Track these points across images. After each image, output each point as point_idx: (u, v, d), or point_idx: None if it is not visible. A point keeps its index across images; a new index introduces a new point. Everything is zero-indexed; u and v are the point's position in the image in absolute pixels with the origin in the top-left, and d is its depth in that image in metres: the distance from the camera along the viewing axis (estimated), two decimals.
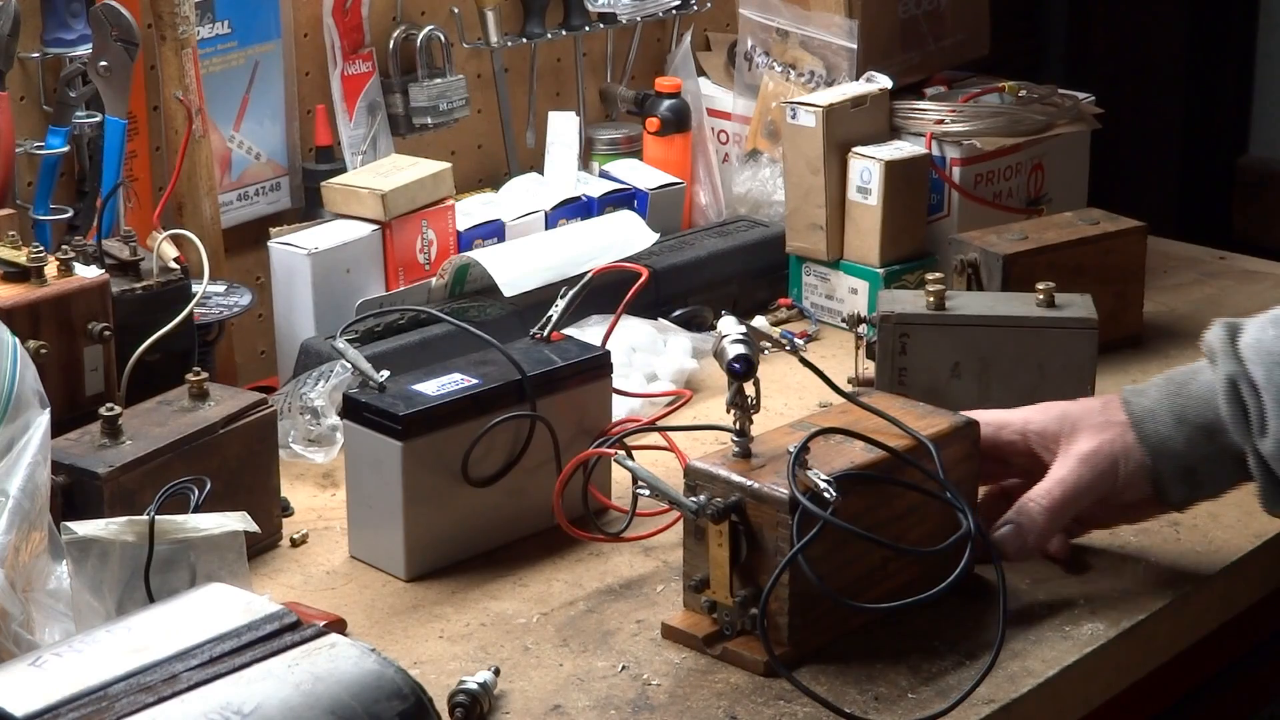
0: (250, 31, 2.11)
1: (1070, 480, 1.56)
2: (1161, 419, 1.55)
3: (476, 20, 2.30)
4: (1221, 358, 1.51)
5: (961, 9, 2.38)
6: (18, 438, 1.41)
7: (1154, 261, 2.20)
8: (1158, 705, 1.68)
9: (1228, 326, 1.53)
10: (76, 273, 1.71)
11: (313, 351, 1.93)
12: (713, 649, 1.49)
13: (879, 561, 1.50)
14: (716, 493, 1.48)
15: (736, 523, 1.47)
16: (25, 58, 1.93)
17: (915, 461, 1.51)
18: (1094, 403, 1.60)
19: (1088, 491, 1.56)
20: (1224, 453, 1.53)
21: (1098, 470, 1.55)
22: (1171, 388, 1.56)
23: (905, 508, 1.51)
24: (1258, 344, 1.50)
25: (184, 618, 1.25)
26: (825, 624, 1.49)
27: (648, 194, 2.29)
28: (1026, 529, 1.55)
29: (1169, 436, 1.54)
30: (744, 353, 1.51)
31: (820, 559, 1.44)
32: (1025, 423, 1.60)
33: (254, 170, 2.15)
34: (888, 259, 2.16)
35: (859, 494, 1.47)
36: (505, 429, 1.64)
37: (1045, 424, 1.59)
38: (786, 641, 1.47)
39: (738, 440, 1.51)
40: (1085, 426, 1.57)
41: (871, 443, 1.51)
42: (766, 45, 2.34)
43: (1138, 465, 1.55)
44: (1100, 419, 1.57)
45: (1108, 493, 1.57)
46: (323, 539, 1.71)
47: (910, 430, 1.53)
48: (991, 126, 2.21)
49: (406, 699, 1.19)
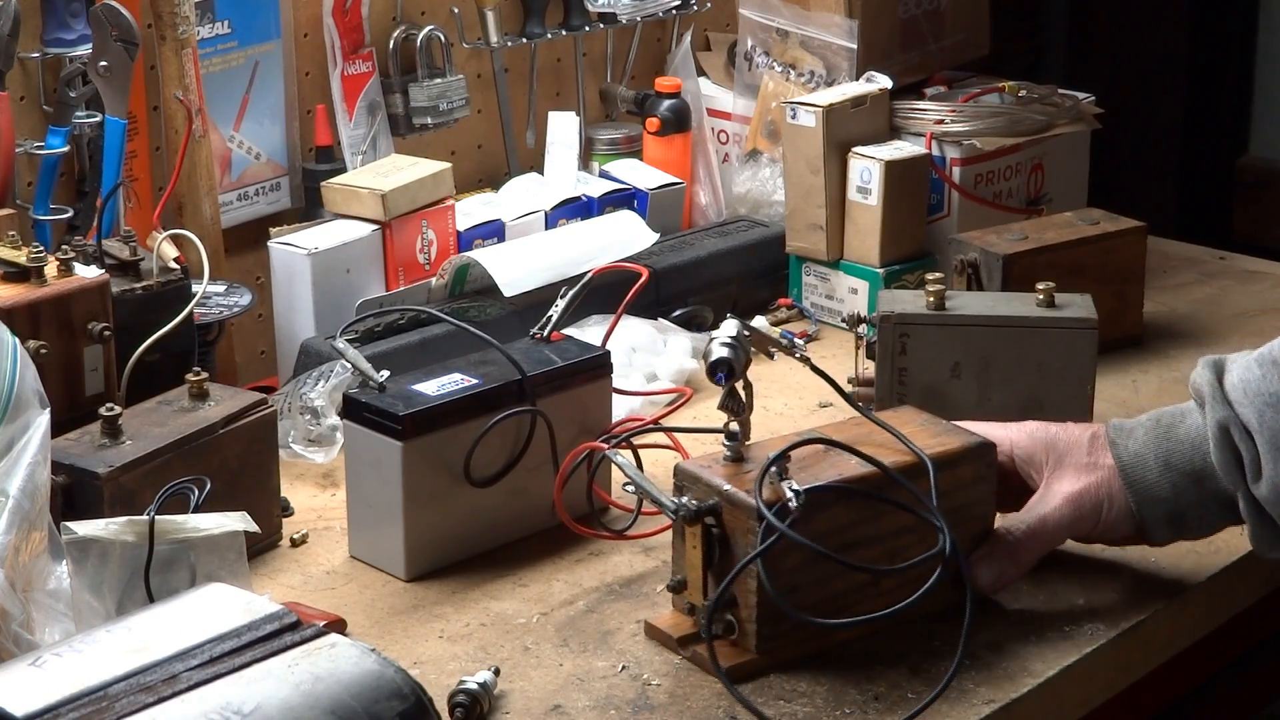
0: (250, 31, 2.11)
1: (1052, 519, 1.54)
2: (1149, 465, 1.53)
3: (476, 20, 2.30)
4: (1210, 402, 1.49)
5: (961, 9, 2.38)
6: (18, 438, 1.41)
7: (1154, 261, 2.20)
8: (1158, 705, 1.68)
9: (1213, 367, 1.51)
10: (76, 273, 1.71)
11: (313, 351, 1.93)
12: (685, 650, 1.49)
13: (869, 577, 1.48)
14: (698, 495, 1.47)
15: (711, 526, 1.46)
16: (25, 58, 1.93)
17: (903, 480, 1.47)
18: (1081, 436, 1.57)
19: (1069, 530, 1.55)
20: (1212, 498, 1.51)
21: (1080, 513, 1.54)
22: (1159, 431, 1.54)
23: (899, 526, 1.48)
24: (1245, 385, 1.47)
25: (184, 618, 1.25)
26: (799, 636, 1.46)
27: (648, 194, 2.29)
28: (1003, 564, 1.53)
29: (1155, 483, 1.53)
30: (724, 357, 1.50)
31: (796, 570, 1.43)
32: (1011, 445, 1.58)
33: (254, 170, 2.15)
34: (888, 259, 2.16)
35: (844, 508, 1.45)
36: (505, 429, 1.64)
37: (1031, 450, 1.57)
38: (754, 650, 1.46)
39: (728, 444, 1.50)
40: (1071, 463, 1.55)
41: (864, 458, 1.48)
42: (766, 45, 2.34)
43: (1122, 510, 1.54)
44: (1087, 459, 1.55)
45: (1089, 532, 1.56)
46: (323, 539, 1.71)
47: (914, 447, 1.50)
48: (991, 126, 2.21)
49: (406, 699, 1.19)
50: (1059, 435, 1.57)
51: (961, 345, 1.83)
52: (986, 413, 1.83)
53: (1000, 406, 1.83)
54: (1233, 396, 1.47)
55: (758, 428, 1.61)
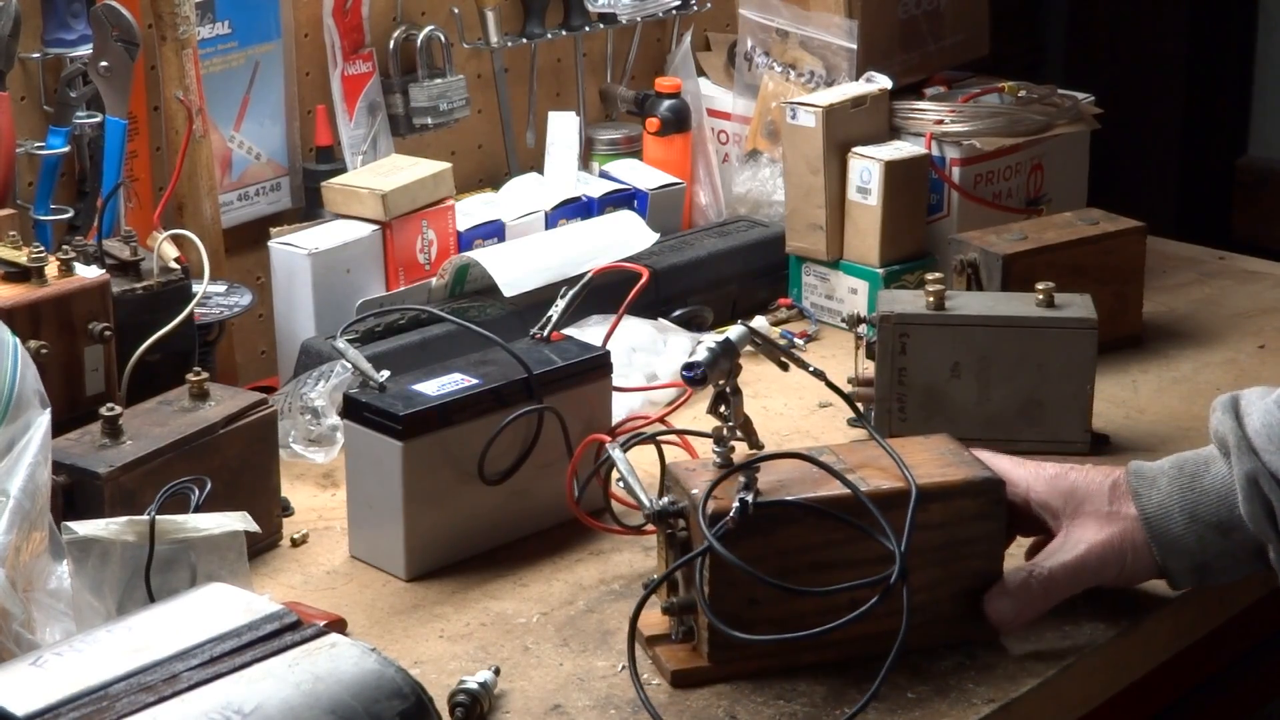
0: (250, 31, 2.11)
1: (1073, 566, 1.51)
2: (1174, 518, 1.50)
3: (476, 20, 2.30)
4: (1236, 452, 1.45)
5: (961, 9, 2.38)
6: (18, 438, 1.41)
7: (1153, 261, 2.20)
8: (1158, 705, 1.68)
9: (1232, 410, 1.47)
10: (77, 273, 1.71)
11: (313, 351, 1.93)
12: (649, 649, 1.48)
13: (845, 599, 1.41)
14: (676, 497, 1.47)
15: (676, 530, 1.45)
16: (26, 58, 1.93)
17: (869, 504, 1.43)
18: (1101, 483, 1.53)
19: (1090, 579, 1.52)
20: (1239, 548, 1.49)
21: (1104, 562, 1.51)
22: (1183, 480, 1.50)
23: (879, 554, 1.42)
24: (1269, 431, 1.44)
25: (184, 617, 1.25)
26: (759, 649, 1.43)
27: (648, 194, 2.29)
28: (1023, 606, 1.50)
29: (1181, 536, 1.50)
30: (697, 360, 1.48)
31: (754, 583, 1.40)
32: (1028, 489, 1.54)
33: (254, 170, 2.15)
34: (887, 259, 2.16)
35: (813, 528, 1.43)
36: (511, 428, 1.64)
37: (1049, 498, 1.53)
38: (707, 658, 1.45)
39: (717, 449, 1.49)
40: (1092, 512, 1.52)
41: (841, 479, 1.45)
42: (766, 45, 2.35)
43: (1145, 561, 1.51)
44: (1108, 508, 1.51)
45: (1110, 580, 1.53)
46: (323, 539, 1.71)
47: (907, 473, 1.46)
48: (991, 127, 2.21)
49: (407, 699, 1.19)
50: (1078, 483, 1.53)
51: (961, 345, 1.83)
52: (986, 412, 1.83)
53: (1000, 406, 1.83)
54: (1258, 444, 1.44)
55: (757, 428, 1.61)
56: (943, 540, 1.47)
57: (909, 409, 1.84)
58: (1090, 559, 1.50)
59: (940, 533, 1.47)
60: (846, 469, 1.47)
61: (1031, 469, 1.55)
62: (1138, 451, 1.85)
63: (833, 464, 1.47)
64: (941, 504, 1.47)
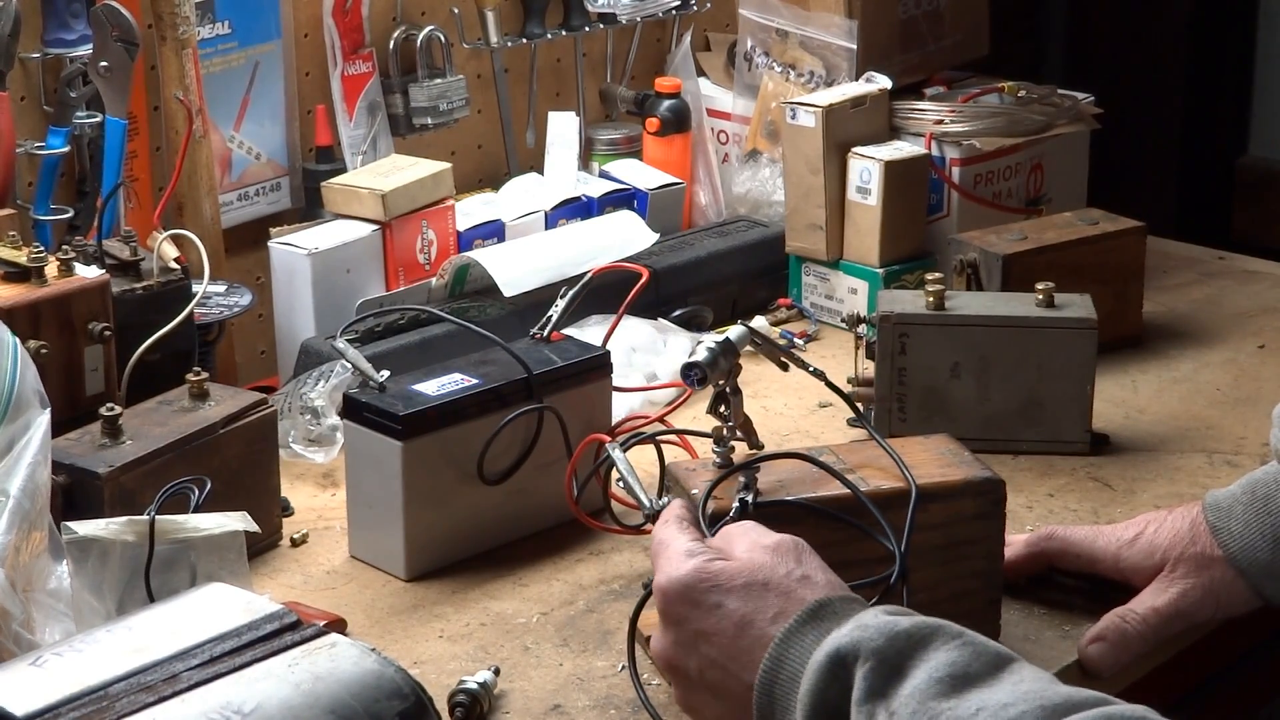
0: (250, 31, 2.11)
1: (1167, 612, 1.53)
2: (1257, 546, 1.51)
3: (476, 20, 2.30)
4: None
5: (961, 9, 2.38)
6: (18, 438, 1.41)
7: (1153, 261, 2.19)
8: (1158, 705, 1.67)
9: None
10: (77, 273, 1.71)
11: (313, 351, 1.93)
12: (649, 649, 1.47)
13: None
14: (676, 496, 1.46)
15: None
16: (26, 58, 1.93)
17: (869, 503, 1.42)
18: (1181, 526, 1.54)
19: (1184, 622, 1.54)
20: None
21: (1199, 605, 1.53)
22: (1258, 505, 1.52)
23: (882, 554, 1.42)
24: None
25: (184, 617, 1.25)
26: None
27: (648, 194, 2.29)
28: (1120, 650, 1.52)
29: (1270, 562, 1.51)
30: (698, 361, 1.48)
31: None
32: (1117, 559, 1.56)
33: (254, 170, 2.15)
34: (887, 259, 2.16)
35: (815, 528, 1.41)
36: (511, 427, 1.64)
37: (1137, 562, 1.55)
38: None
39: (717, 449, 1.49)
40: (1180, 559, 1.53)
41: (841, 479, 1.45)
42: (766, 45, 2.35)
43: (1244, 595, 1.53)
44: (1194, 550, 1.53)
45: (1207, 618, 1.55)
46: (323, 539, 1.71)
47: (907, 473, 1.46)
48: (991, 127, 2.21)
49: (406, 699, 1.19)
50: (1157, 537, 1.55)
51: (961, 345, 1.83)
52: (986, 412, 1.83)
53: (1000, 406, 1.83)
54: None
55: (757, 428, 1.61)
56: (943, 540, 1.47)
57: (909, 409, 1.84)
58: (1184, 604, 1.52)
59: (940, 533, 1.47)
60: (846, 469, 1.47)
61: (1111, 537, 1.57)
62: (1138, 451, 1.85)
63: (833, 464, 1.47)
64: (941, 504, 1.47)
